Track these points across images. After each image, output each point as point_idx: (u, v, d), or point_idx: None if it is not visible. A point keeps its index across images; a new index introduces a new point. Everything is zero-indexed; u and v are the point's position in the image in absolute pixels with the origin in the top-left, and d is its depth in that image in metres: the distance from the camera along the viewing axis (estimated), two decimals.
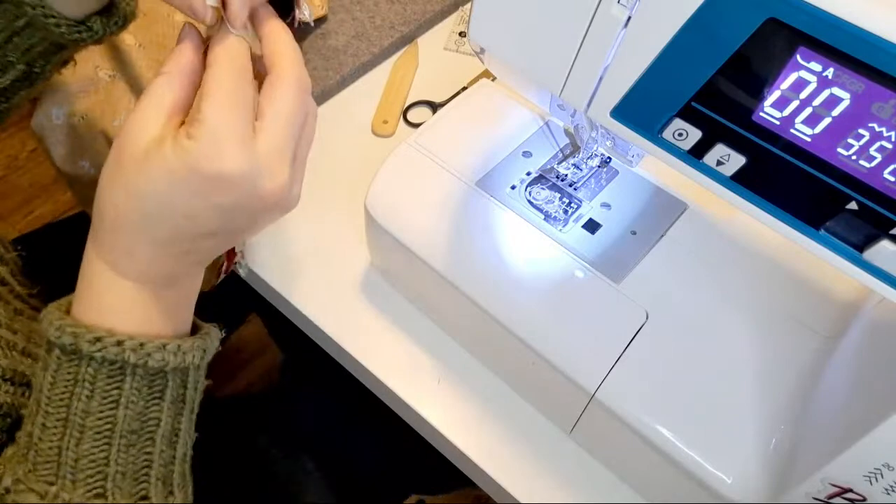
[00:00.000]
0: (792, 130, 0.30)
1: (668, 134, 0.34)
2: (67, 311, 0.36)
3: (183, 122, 0.34)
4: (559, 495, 0.49)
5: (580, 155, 0.54)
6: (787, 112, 0.29)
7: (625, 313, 0.47)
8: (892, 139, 0.27)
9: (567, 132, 0.58)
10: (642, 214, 0.53)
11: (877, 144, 0.28)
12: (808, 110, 0.29)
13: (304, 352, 0.65)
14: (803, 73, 0.28)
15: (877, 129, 0.27)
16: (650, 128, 0.34)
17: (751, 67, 0.29)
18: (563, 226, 0.52)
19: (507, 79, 0.49)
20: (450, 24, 0.81)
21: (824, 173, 0.30)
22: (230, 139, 0.32)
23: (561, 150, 0.57)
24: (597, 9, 0.33)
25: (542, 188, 0.54)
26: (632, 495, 0.49)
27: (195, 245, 0.35)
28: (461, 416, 0.52)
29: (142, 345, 0.33)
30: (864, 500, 0.36)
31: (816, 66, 0.28)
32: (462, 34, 0.79)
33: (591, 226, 0.52)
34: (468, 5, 0.81)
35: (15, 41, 0.43)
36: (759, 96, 0.30)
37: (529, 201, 0.53)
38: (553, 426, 0.52)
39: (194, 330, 0.39)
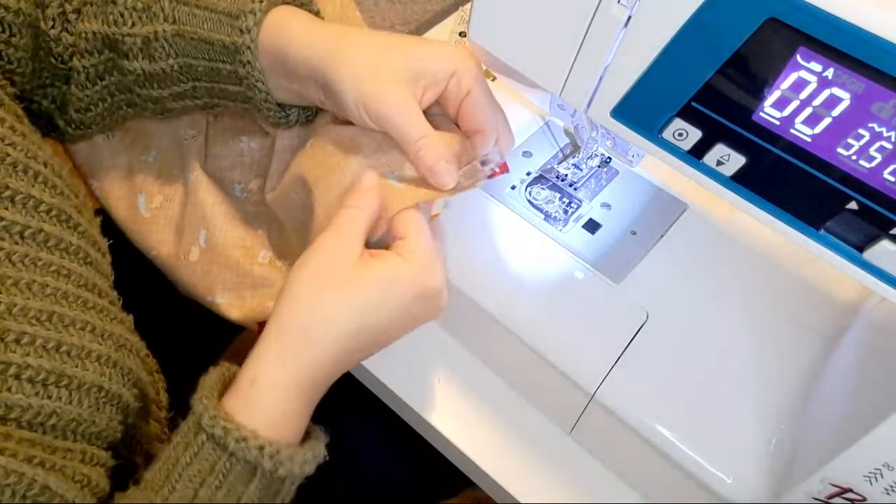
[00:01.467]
0: (792, 130, 0.30)
1: (668, 134, 0.34)
2: (221, 392, 0.38)
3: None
4: (559, 495, 0.49)
5: (580, 155, 0.54)
6: (787, 112, 0.29)
7: (625, 313, 0.47)
8: (892, 139, 0.27)
9: (567, 132, 0.58)
10: (642, 214, 0.53)
11: (877, 144, 0.28)
12: (808, 110, 0.29)
13: None
14: (803, 73, 0.28)
15: (877, 129, 0.27)
16: (650, 128, 0.34)
17: (751, 67, 0.29)
18: (563, 226, 0.52)
19: (507, 79, 0.49)
20: (450, 24, 0.81)
21: (824, 173, 0.30)
22: (437, 260, 0.40)
23: (561, 150, 0.57)
24: (597, 9, 0.33)
25: (542, 188, 0.54)
26: (632, 495, 0.49)
27: (367, 353, 0.41)
28: (461, 416, 0.52)
29: (278, 452, 0.36)
30: (864, 500, 0.36)
31: (816, 66, 0.28)
32: (462, 34, 0.79)
33: (591, 226, 0.52)
34: (468, 5, 0.81)
35: (221, 89, 0.47)
36: (759, 96, 0.30)
37: (529, 201, 0.53)
38: (553, 426, 0.52)
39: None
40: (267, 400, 0.37)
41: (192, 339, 0.65)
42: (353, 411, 0.64)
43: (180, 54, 0.45)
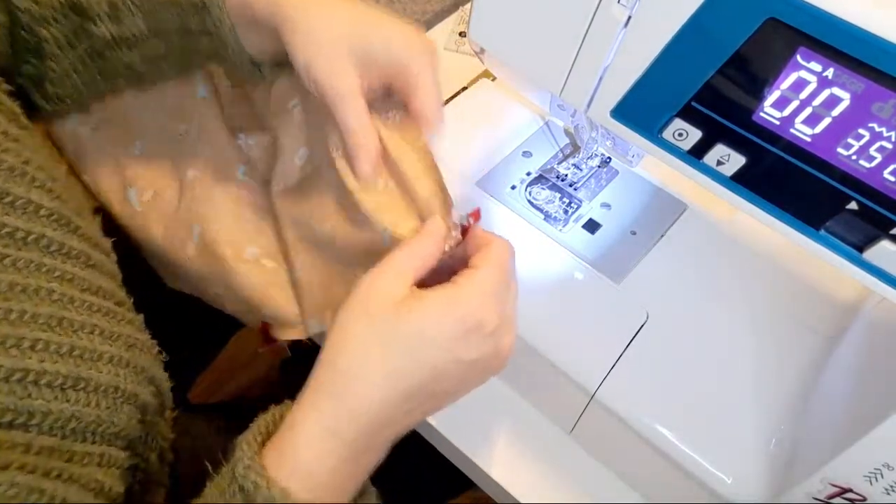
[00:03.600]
0: (792, 130, 0.30)
1: (668, 134, 0.34)
2: (265, 440, 0.37)
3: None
4: (559, 495, 0.49)
5: (580, 155, 0.54)
6: (787, 112, 0.29)
7: (625, 313, 0.47)
8: (892, 139, 0.27)
9: (567, 132, 0.58)
10: (642, 214, 0.53)
11: (877, 144, 0.28)
12: (808, 110, 0.29)
13: (306, 351, 0.65)
14: (803, 73, 0.28)
15: (877, 129, 0.27)
16: (650, 128, 0.34)
17: (751, 67, 0.29)
18: (563, 226, 0.52)
19: (507, 79, 0.49)
20: (450, 24, 0.81)
21: (824, 173, 0.30)
22: (501, 300, 0.37)
23: (561, 150, 0.57)
24: (597, 9, 0.33)
25: (542, 188, 0.54)
26: (632, 495, 0.49)
27: (420, 406, 0.37)
28: (460, 416, 0.52)
29: None
30: (864, 500, 0.36)
31: (816, 66, 0.28)
32: (462, 34, 0.79)
33: (591, 226, 0.52)
34: (468, 5, 0.81)
35: (192, 48, 0.46)
36: (759, 96, 0.30)
37: (529, 201, 0.53)
38: (553, 426, 0.52)
39: None
40: (302, 452, 0.35)
41: (187, 334, 0.64)
42: None
43: (147, 15, 0.45)
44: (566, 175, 0.55)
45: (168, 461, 0.50)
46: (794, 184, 0.31)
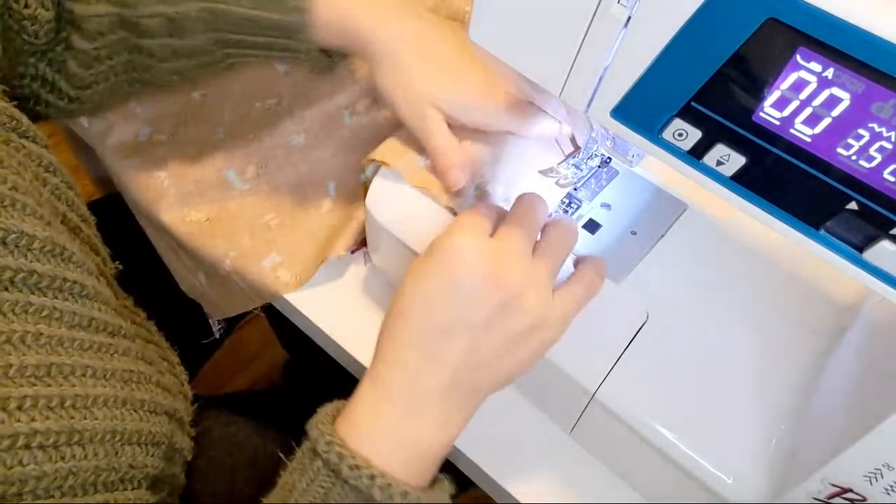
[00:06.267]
0: (792, 130, 0.30)
1: (668, 134, 0.34)
2: (334, 418, 0.37)
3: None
4: (559, 495, 0.49)
5: (580, 155, 0.54)
6: (786, 112, 0.29)
7: (625, 313, 0.47)
8: (892, 139, 0.27)
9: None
10: (642, 214, 0.53)
11: (877, 144, 0.28)
12: (808, 110, 0.29)
13: (308, 351, 0.65)
14: (803, 74, 0.28)
15: (877, 129, 0.27)
16: (650, 128, 0.34)
17: (751, 67, 0.29)
18: None
19: (507, 79, 0.49)
20: None
21: (824, 173, 0.30)
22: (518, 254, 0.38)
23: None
24: (597, 9, 0.33)
25: None
26: (632, 495, 0.49)
27: (463, 345, 0.37)
28: None
29: (389, 485, 0.34)
30: (864, 500, 0.36)
31: (816, 66, 0.28)
32: None
33: (591, 226, 0.52)
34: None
35: (267, 47, 0.48)
36: (758, 96, 0.30)
37: None
38: (553, 426, 0.52)
39: None
40: (376, 426, 0.36)
41: (190, 329, 0.64)
42: None
43: (214, 29, 0.45)
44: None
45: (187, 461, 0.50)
46: (793, 184, 0.31)
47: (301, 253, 0.57)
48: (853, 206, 0.30)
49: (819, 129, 0.29)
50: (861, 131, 0.28)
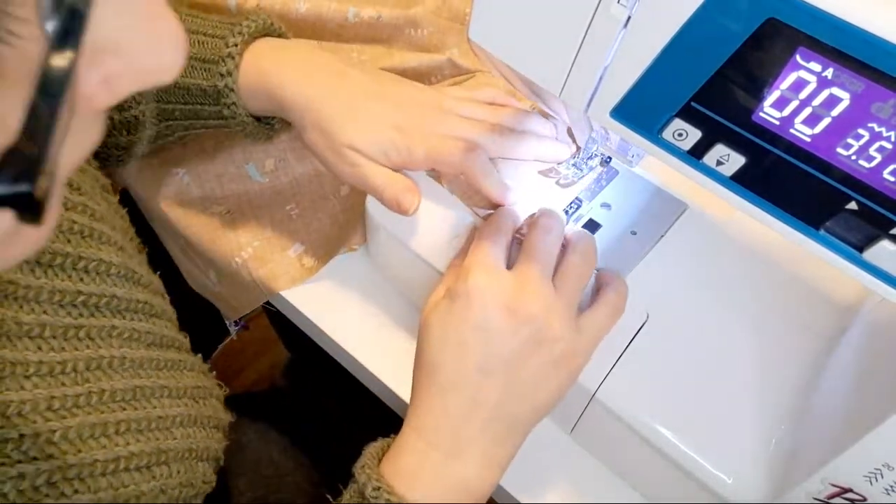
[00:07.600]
0: (792, 130, 0.30)
1: (668, 134, 0.34)
2: (380, 460, 0.38)
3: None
4: (559, 495, 0.49)
5: (580, 155, 0.54)
6: (786, 112, 0.29)
7: (625, 313, 0.47)
8: (892, 139, 0.27)
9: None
10: (642, 214, 0.53)
11: (877, 144, 0.28)
12: (808, 110, 0.29)
13: (310, 351, 0.65)
14: (803, 73, 0.28)
15: (876, 129, 0.27)
16: (650, 128, 0.34)
17: (750, 67, 0.29)
18: None
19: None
20: None
21: (824, 173, 0.30)
22: (561, 306, 0.40)
23: None
24: (596, 9, 0.33)
25: None
26: (632, 495, 0.49)
27: (497, 381, 0.38)
28: None
29: None
30: (864, 500, 0.36)
31: (816, 66, 0.28)
32: None
33: (591, 226, 0.52)
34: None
35: (196, 115, 0.49)
36: (758, 96, 0.30)
37: None
38: (553, 426, 0.52)
39: None
40: (405, 460, 0.37)
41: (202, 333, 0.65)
42: (354, 420, 0.64)
43: (153, 99, 0.47)
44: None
45: None
46: (793, 184, 0.31)
47: (323, 242, 0.59)
48: (853, 205, 0.30)
49: (819, 128, 0.29)
50: (861, 131, 0.28)
